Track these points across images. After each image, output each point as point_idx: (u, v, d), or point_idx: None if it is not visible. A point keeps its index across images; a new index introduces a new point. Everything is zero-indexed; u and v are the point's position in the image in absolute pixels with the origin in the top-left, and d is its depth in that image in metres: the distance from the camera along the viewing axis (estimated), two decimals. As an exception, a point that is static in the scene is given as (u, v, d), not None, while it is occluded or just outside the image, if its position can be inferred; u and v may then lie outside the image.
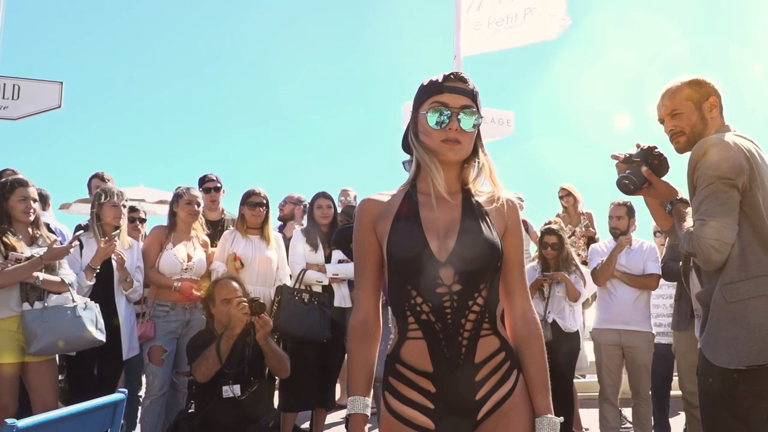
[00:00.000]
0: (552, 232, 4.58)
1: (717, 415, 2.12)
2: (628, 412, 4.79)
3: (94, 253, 3.77)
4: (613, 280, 4.50)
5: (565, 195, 6.32)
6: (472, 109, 1.57)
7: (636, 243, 4.57)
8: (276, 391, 4.23)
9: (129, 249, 4.03)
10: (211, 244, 4.47)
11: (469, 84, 1.59)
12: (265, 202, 4.40)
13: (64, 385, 3.98)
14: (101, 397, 2.30)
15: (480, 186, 1.65)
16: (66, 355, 3.79)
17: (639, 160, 2.41)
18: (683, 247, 2.20)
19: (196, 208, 4.26)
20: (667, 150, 2.42)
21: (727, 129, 2.29)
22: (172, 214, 4.27)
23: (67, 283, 3.48)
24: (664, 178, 2.44)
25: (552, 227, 4.61)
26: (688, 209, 2.33)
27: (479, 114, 1.59)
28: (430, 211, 1.58)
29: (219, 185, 4.96)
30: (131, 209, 4.58)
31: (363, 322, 1.62)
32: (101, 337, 3.52)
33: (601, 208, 5.51)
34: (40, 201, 3.85)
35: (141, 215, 4.76)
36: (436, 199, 1.58)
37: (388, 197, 1.65)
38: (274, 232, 4.56)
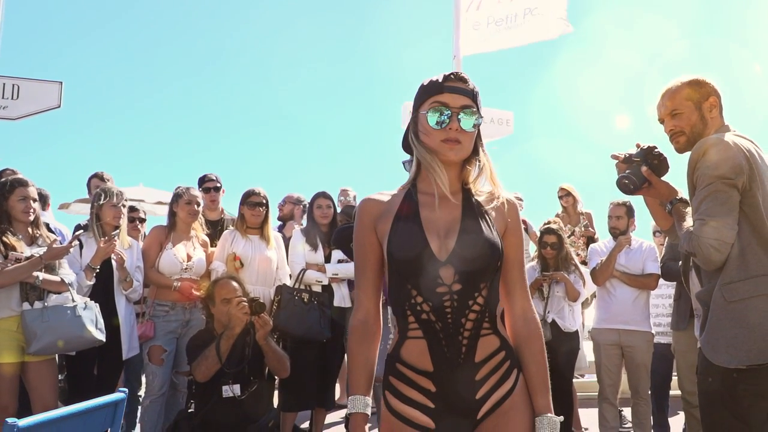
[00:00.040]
0: (551, 232, 4.58)
1: (717, 415, 2.13)
2: (628, 412, 4.79)
3: (94, 253, 3.77)
4: (612, 280, 4.50)
5: (565, 195, 6.33)
6: (473, 109, 1.57)
7: (635, 243, 4.57)
8: (276, 390, 4.23)
9: (129, 249, 4.03)
10: (211, 244, 4.47)
11: (469, 84, 1.59)
12: (264, 201, 4.41)
13: (63, 385, 3.98)
14: (101, 396, 2.29)
15: (480, 186, 1.66)
16: (66, 354, 3.79)
17: (639, 160, 2.42)
18: (683, 247, 2.20)
19: (195, 207, 4.26)
20: (667, 150, 2.43)
21: (727, 129, 2.30)
22: (172, 214, 4.27)
23: (66, 282, 3.48)
24: (664, 178, 2.44)
25: (551, 227, 4.61)
26: (687, 209, 2.33)
27: (479, 114, 1.59)
28: (431, 211, 1.58)
29: (219, 185, 4.96)
30: (131, 209, 4.58)
31: (363, 322, 1.62)
32: (101, 336, 3.52)
33: (600, 208, 5.52)
34: (40, 201, 3.84)
35: (141, 215, 4.77)
36: (439, 198, 1.58)
37: (388, 197, 1.65)
38: (273, 232, 4.56)
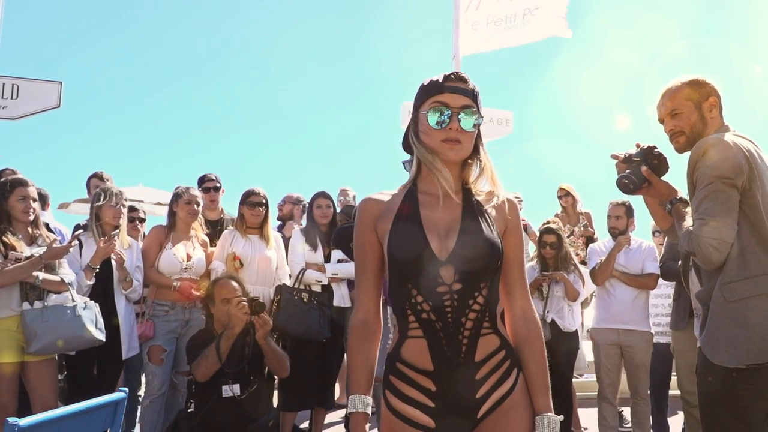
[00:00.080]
0: (551, 232, 4.58)
1: (716, 414, 2.13)
2: (627, 412, 4.80)
3: (94, 253, 3.77)
4: (611, 280, 4.50)
5: (564, 195, 6.33)
6: (473, 109, 1.58)
7: (635, 243, 4.57)
8: (275, 390, 4.23)
9: (128, 248, 4.03)
10: (211, 244, 4.48)
11: (469, 84, 1.59)
12: (264, 201, 4.41)
13: (63, 385, 3.98)
14: (101, 396, 2.29)
15: (480, 186, 1.66)
16: (65, 354, 3.79)
17: (639, 159, 2.42)
18: (683, 247, 2.21)
19: (195, 207, 4.26)
20: (666, 150, 2.43)
21: (727, 129, 2.30)
22: (172, 214, 4.27)
23: (66, 282, 3.48)
24: (664, 177, 2.45)
25: (551, 227, 4.61)
26: (687, 209, 2.34)
27: (480, 114, 1.59)
28: (431, 211, 1.58)
29: (218, 185, 4.96)
30: (130, 209, 4.58)
31: (364, 321, 1.63)
32: (101, 336, 3.52)
33: (600, 208, 5.53)
34: (40, 201, 3.84)
35: (140, 215, 4.77)
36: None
37: (388, 197, 1.66)
38: (273, 232, 4.56)
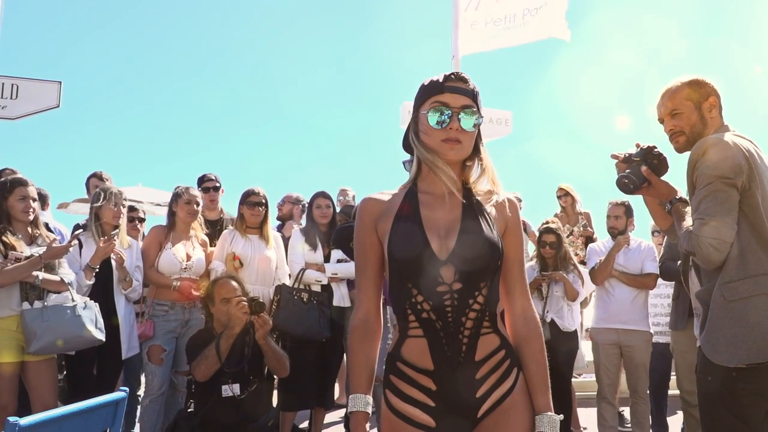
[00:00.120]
0: (550, 231, 4.59)
1: (716, 414, 2.13)
2: (627, 412, 4.80)
3: (94, 253, 3.77)
4: (611, 280, 4.51)
5: (563, 195, 6.34)
6: (473, 108, 1.58)
7: (634, 242, 4.58)
8: (275, 390, 4.23)
9: (128, 248, 4.03)
10: (210, 244, 4.48)
11: (469, 84, 1.60)
12: (264, 201, 4.41)
13: (63, 385, 3.98)
14: (100, 396, 2.29)
15: (480, 185, 1.66)
16: (65, 354, 3.79)
17: (639, 159, 2.42)
18: (683, 246, 2.21)
19: (195, 207, 4.26)
20: (666, 150, 2.43)
21: (727, 129, 2.30)
22: (172, 214, 4.27)
23: (66, 282, 3.47)
24: (664, 177, 2.45)
25: (550, 226, 4.62)
26: (687, 209, 2.34)
27: (480, 114, 1.60)
28: (431, 211, 1.59)
29: (218, 185, 4.97)
30: (130, 209, 4.58)
31: (364, 321, 1.63)
32: (101, 336, 3.51)
33: (599, 208, 5.54)
34: (39, 200, 3.84)
35: (140, 215, 4.77)
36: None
37: (389, 196, 1.66)
38: (273, 232, 4.56)
